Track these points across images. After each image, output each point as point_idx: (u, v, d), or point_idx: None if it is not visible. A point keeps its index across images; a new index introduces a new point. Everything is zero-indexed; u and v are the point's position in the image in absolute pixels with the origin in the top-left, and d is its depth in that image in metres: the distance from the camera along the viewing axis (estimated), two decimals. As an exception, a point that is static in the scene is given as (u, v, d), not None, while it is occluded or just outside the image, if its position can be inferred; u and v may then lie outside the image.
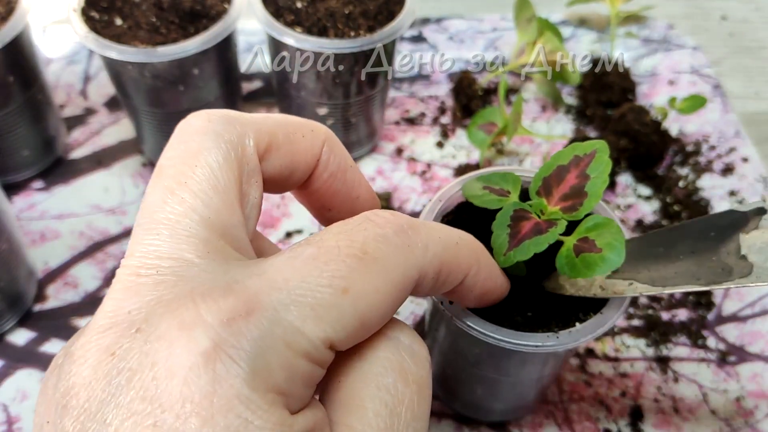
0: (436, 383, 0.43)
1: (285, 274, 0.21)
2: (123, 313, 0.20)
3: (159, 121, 0.51)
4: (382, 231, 0.23)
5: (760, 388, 0.45)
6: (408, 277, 0.23)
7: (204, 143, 0.23)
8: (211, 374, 0.19)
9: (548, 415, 0.44)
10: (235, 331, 0.19)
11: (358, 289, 0.21)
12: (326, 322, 0.20)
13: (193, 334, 0.19)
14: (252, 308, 0.20)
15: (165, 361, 0.19)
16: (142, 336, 0.20)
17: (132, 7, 0.49)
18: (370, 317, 0.22)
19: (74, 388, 0.20)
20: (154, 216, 0.22)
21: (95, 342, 0.20)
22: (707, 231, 0.30)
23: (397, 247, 0.23)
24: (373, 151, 0.58)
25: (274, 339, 0.20)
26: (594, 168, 0.30)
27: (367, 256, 0.22)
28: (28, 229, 0.52)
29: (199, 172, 0.23)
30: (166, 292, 0.21)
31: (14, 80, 0.49)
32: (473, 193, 0.34)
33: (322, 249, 0.22)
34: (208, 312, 0.20)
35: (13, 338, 0.46)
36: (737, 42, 0.70)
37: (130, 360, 0.19)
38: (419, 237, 0.23)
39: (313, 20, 0.49)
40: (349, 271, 0.21)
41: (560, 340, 0.31)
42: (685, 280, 0.29)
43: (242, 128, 0.24)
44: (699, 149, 0.59)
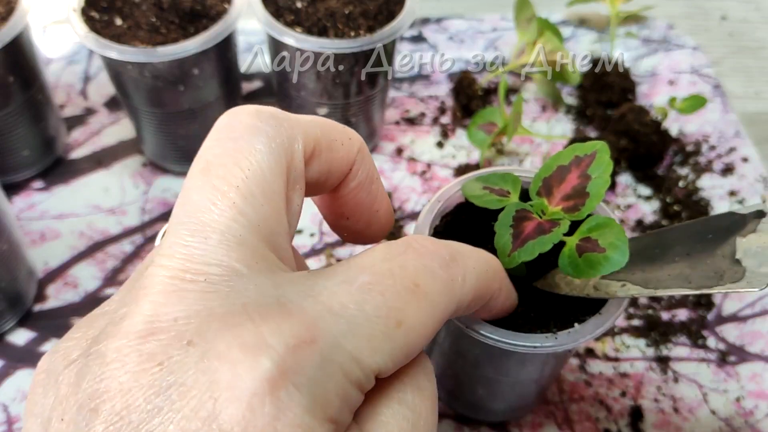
0: (437, 383, 0.43)
1: (341, 299, 0.21)
2: (167, 320, 0.20)
3: (159, 121, 0.51)
4: (429, 263, 0.23)
5: (760, 388, 0.45)
6: (449, 309, 0.23)
7: (254, 143, 0.23)
8: (275, 402, 0.18)
9: (548, 415, 0.44)
10: (299, 359, 0.19)
11: (411, 323, 0.22)
12: (379, 354, 0.21)
13: (258, 358, 0.19)
14: (315, 335, 0.20)
15: (227, 383, 0.18)
16: (196, 351, 0.19)
17: (132, 7, 0.49)
18: (415, 349, 0.22)
19: (108, 393, 0.19)
20: (201, 217, 0.21)
21: (135, 347, 0.19)
22: (705, 233, 0.30)
23: (442, 282, 0.23)
24: (373, 151, 0.58)
25: (333, 367, 0.20)
26: (595, 168, 0.30)
27: (419, 289, 0.22)
28: (28, 229, 0.52)
29: (250, 175, 0.22)
30: (217, 304, 0.20)
31: (14, 80, 0.49)
32: (473, 193, 0.34)
33: (376, 277, 0.22)
34: (272, 335, 0.19)
35: (13, 338, 0.46)
36: (737, 42, 0.70)
37: (183, 375, 0.19)
38: (459, 269, 0.24)
39: (313, 20, 0.49)
40: (403, 304, 0.22)
41: (559, 341, 0.31)
42: (676, 282, 0.29)
43: (292, 131, 0.24)
44: (699, 149, 0.59)
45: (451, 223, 0.36)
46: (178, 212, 0.22)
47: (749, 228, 0.28)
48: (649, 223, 0.53)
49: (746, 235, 0.28)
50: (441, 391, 0.43)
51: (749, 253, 0.28)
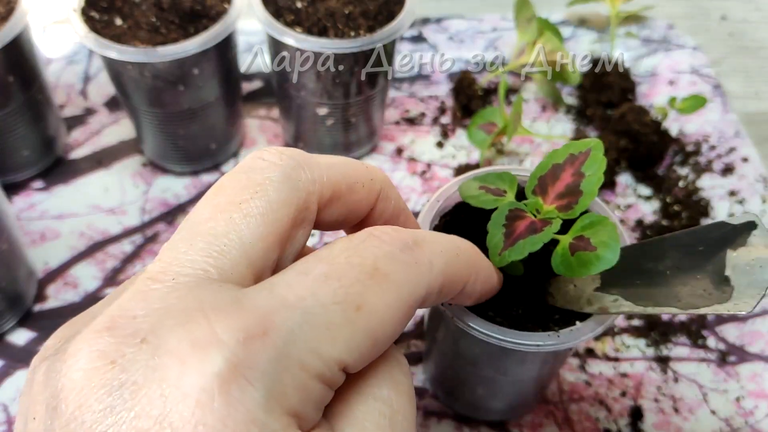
0: (436, 383, 0.43)
1: (297, 291, 0.20)
2: (127, 317, 0.20)
3: (159, 121, 0.51)
4: (389, 248, 0.23)
5: (760, 388, 0.45)
6: (416, 293, 0.23)
7: (270, 177, 0.23)
8: (225, 397, 0.18)
9: (548, 415, 0.44)
10: (251, 352, 0.19)
11: (371, 306, 0.21)
12: (340, 342, 0.20)
13: (207, 354, 0.18)
14: (267, 328, 0.19)
15: (176, 380, 0.18)
16: (149, 348, 0.19)
17: (132, 7, 0.49)
18: (382, 335, 0.21)
19: (63, 392, 0.19)
20: (197, 227, 0.22)
21: (91, 344, 0.19)
22: (696, 244, 0.29)
23: (405, 264, 0.23)
24: (373, 151, 0.58)
25: (289, 360, 0.19)
26: (589, 166, 0.30)
27: (378, 272, 0.22)
28: (28, 229, 0.52)
29: (256, 198, 0.22)
30: (176, 302, 0.20)
31: (14, 80, 0.49)
32: (470, 193, 0.34)
33: (334, 266, 0.21)
34: (223, 330, 0.19)
35: (13, 338, 0.46)
36: (737, 42, 0.70)
37: (134, 372, 0.18)
38: (424, 253, 0.23)
39: (313, 20, 0.49)
40: (362, 288, 0.21)
41: (560, 339, 0.31)
42: (666, 301, 0.28)
43: (311, 174, 0.24)
44: (699, 149, 0.59)
45: (451, 223, 0.36)
46: (182, 224, 0.23)
47: (740, 241, 0.27)
48: (649, 223, 0.53)
49: (737, 249, 0.27)
50: (440, 391, 0.43)
51: (738, 270, 0.27)
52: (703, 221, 0.54)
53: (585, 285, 0.31)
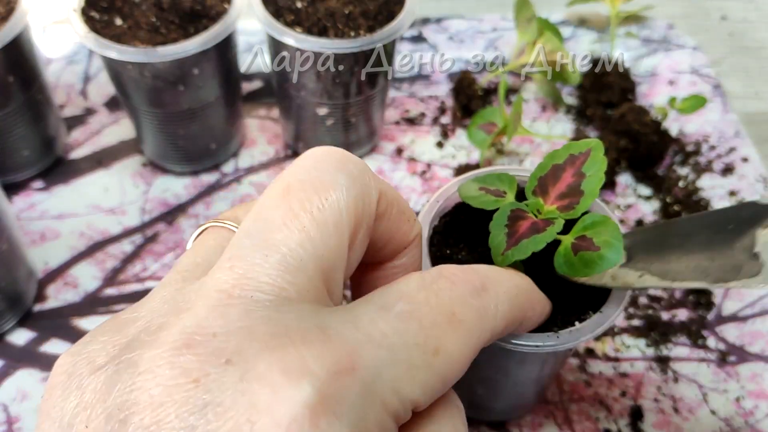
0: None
1: (381, 327, 0.20)
2: (206, 335, 0.19)
3: (159, 121, 0.51)
4: (460, 291, 0.23)
5: (760, 388, 0.45)
6: (483, 339, 0.23)
7: (338, 179, 0.23)
8: (314, 429, 0.18)
9: (548, 415, 0.44)
10: (341, 387, 0.19)
11: (448, 351, 0.21)
12: (417, 384, 0.20)
13: (299, 383, 0.18)
14: (355, 363, 0.19)
15: (267, 407, 0.18)
16: (236, 370, 0.18)
17: (132, 7, 0.49)
18: (450, 379, 0.22)
19: (138, 405, 0.18)
20: (270, 234, 0.21)
21: (170, 360, 0.19)
22: (726, 223, 0.29)
23: (476, 311, 0.23)
24: (373, 151, 0.58)
25: (373, 397, 0.19)
26: (590, 166, 0.30)
27: (454, 317, 0.22)
28: (28, 229, 0.52)
29: (327, 205, 0.22)
30: (259, 324, 0.19)
31: (14, 80, 0.49)
32: (469, 194, 0.34)
33: (414, 305, 0.22)
34: (314, 361, 0.19)
35: (13, 338, 0.46)
36: (737, 42, 0.70)
37: (221, 394, 0.18)
38: (491, 299, 0.24)
39: (313, 20, 0.49)
40: (441, 332, 0.21)
41: (560, 340, 0.31)
42: (694, 275, 0.29)
43: (373, 181, 0.24)
44: (699, 149, 0.59)
45: (450, 223, 0.36)
46: (248, 227, 0.22)
47: None
48: (649, 223, 0.53)
49: (767, 227, 0.28)
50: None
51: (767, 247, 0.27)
52: (703, 221, 0.54)
53: None
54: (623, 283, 0.31)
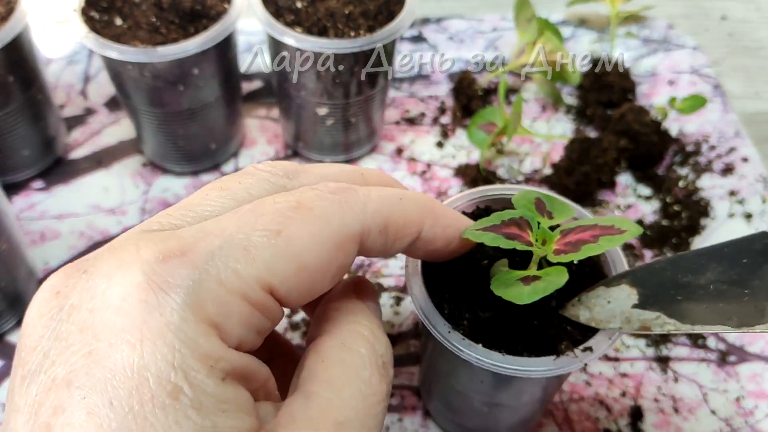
0: (435, 410, 0.43)
1: (222, 224, 0.23)
2: (80, 261, 0.23)
3: (159, 121, 0.51)
4: (319, 191, 0.24)
5: (760, 388, 0.45)
6: (348, 228, 0.24)
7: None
8: (143, 305, 0.20)
9: (548, 415, 0.44)
10: (169, 268, 0.21)
11: (292, 232, 0.22)
12: (260, 262, 0.22)
13: (129, 269, 0.21)
14: (187, 250, 0.21)
15: (102, 295, 0.21)
16: (86, 276, 0.21)
17: (132, 7, 0.49)
18: (308, 260, 0.23)
19: (23, 329, 0.22)
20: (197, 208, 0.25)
21: (45, 283, 0.22)
22: (739, 256, 0.28)
23: (333, 202, 0.24)
24: (373, 151, 0.58)
25: (207, 276, 0.21)
26: (610, 241, 0.29)
27: (302, 206, 0.23)
28: (28, 229, 0.52)
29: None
30: (117, 242, 0.23)
31: (14, 80, 0.49)
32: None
33: (260, 204, 0.23)
34: (146, 252, 0.21)
35: (13, 338, 0.46)
36: (737, 42, 0.70)
37: (73, 297, 0.21)
38: (356, 195, 0.25)
39: (313, 20, 0.49)
40: (283, 218, 0.23)
41: (557, 363, 0.30)
42: (715, 318, 0.27)
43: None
44: (699, 149, 0.59)
45: None
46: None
47: None
48: (649, 223, 0.53)
49: None
50: (441, 419, 0.42)
51: None
52: (702, 221, 0.54)
53: (621, 302, 0.30)
54: (641, 327, 0.29)
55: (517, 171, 0.57)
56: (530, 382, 0.34)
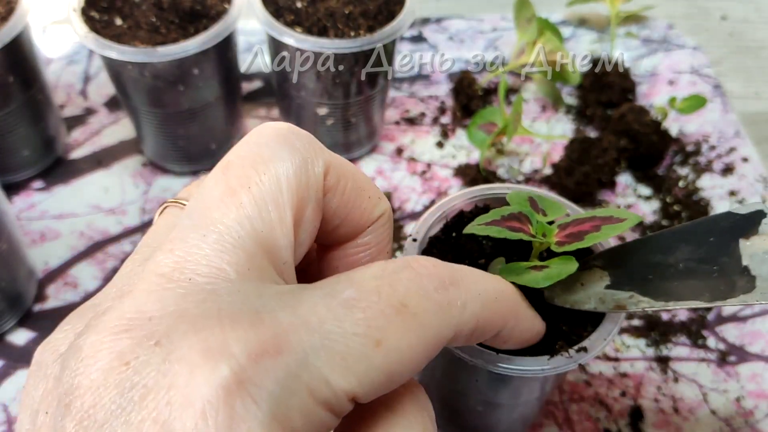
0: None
1: (319, 314, 0.20)
2: (143, 319, 0.19)
3: (159, 121, 0.51)
4: (423, 284, 0.22)
5: (760, 388, 0.45)
6: (443, 335, 0.22)
7: (278, 152, 0.22)
8: (229, 412, 0.18)
9: (548, 415, 0.44)
10: (260, 370, 0.18)
11: (392, 343, 0.20)
12: (353, 374, 0.20)
13: (216, 365, 0.18)
14: (281, 347, 0.19)
15: (183, 387, 0.18)
16: (162, 352, 0.18)
17: (132, 7, 0.49)
18: (399, 373, 0.21)
19: (79, 389, 0.19)
20: (207, 213, 0.21)
21: (108, 344, 0.19)
22: (706, 235, 0.29)
23: (436, 305, 0.22)
24: (373, 151, 0.58)
25: (298, 384, 0.19)
26: (611, 229, 0.30)
27: (406, 309, 0.21)
28: (28, 229, 0.52)
29: (265, 180, 0.22)
30: (193, 306, 0.19)
31: (14, 80, 0.49)
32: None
33: (362, 293, 0.21)
34: (236, 342, 0.18)
35: (13, 338, 0.46)
36: (737, 42, 0.70)
37: (146, 376, 0.18)
38: (459, 295, 0.23)
39: (313, 20, 0.49)
40: (386, 323, 0.20)
41: (552, 363, 0.30)
42: (688, 294, 0.28)
43: (318, 152, 0.23)
44: (699, 149, 0.59)
45: (451, 228, 0.36)
46: (190, 206, 0.22)
47: (751, 230, 0.27)
48: (649, 223, 0.53)
49: (749, 238, 0.27)
50: (440, 419, 0.42)
51: (756, 260, 0.27)
52: (703, 221, 0.54)
53: (593, 283, 0.31)
54: (615, 306, 0.30)
55: (517, 171, 0.57)
56: (526, 381, 0.34)
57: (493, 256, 0.33)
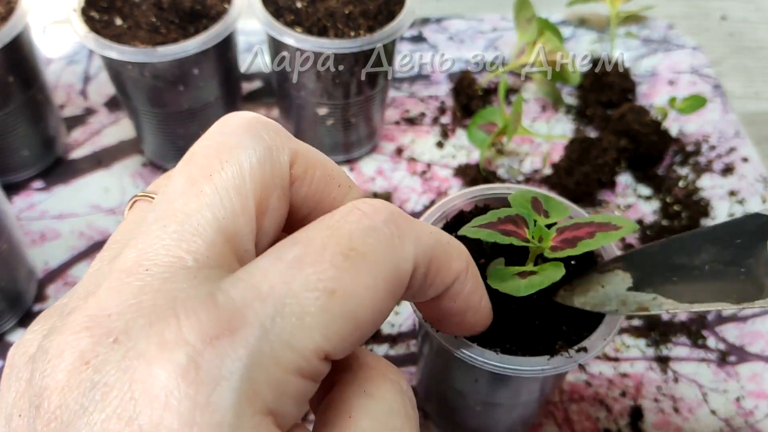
0: (430, 407, 0.43)
1: (270, 279, 0.19)
2: (103, 316, 0.19)
3: (159, 121, 0.51)
4: (371, 221, 0.21)
5: (760, 388, 0.45)
6: (400, 269, 0.21)
7: (242, 141, 0.22)
8: (192, 398, 0.17)
9: (548, 415, 0.44)
10: (218, 352, 0.18)
11: (347, 289, 0.20)
12: (316, 331, 0.19)
13: (173, 355, 0.18)
14: (236, 324, 0.18)
15: (144, 382, 0.18)
16: (120, 349, 0.18)
17: (132, 7, 0.49)
18: (363, 317, 0.20)
19: (47, 391, 0.19)
20: (170, 204, 0.21)
21: (71, 344, 0.19)
22: (733, 237, 0.28)
23: (387, 239, 0.21)
24: (373, 151, 0.58)
25: (261, 357, 0.18)
26: (606, 237, 0.29)
27: (354, 252, 0.20)
28: (28, 229, 0.52)
29: (228, 168, 0.21)
30: (149, 297, 0.19)
31: (14, 80, 0.49)
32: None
33: (309, 247, 0.20)
34: (190, 330, 0.18)
35: (13, 338, 0.46)
36: (737, 42, 0.70)
37: (106, 374, 0.18)
38: (411, 227, 0.22)
39: (313, 20, 0.49)
40: (337, 272, 0.20)
41: (552, 363, 0.30)
42: (714, 296, 0.27)
43: (284, 141, 0.23)
44: (699, 149, 0.59)
45: (451, 230, 0.36)
46: (156, 200, 0.22)
47: None
48: (649, 223, 0.53)
49: None
50: (440, 419, 0.42)
51: None
52: (703, 221, 0.54)
53: (615, 285, 0.30)
54: (638, 308, 0.29)
55: (517, 171, 0.57)
56: (526, 381, 0.34)
57: (494, 256, 0.33)
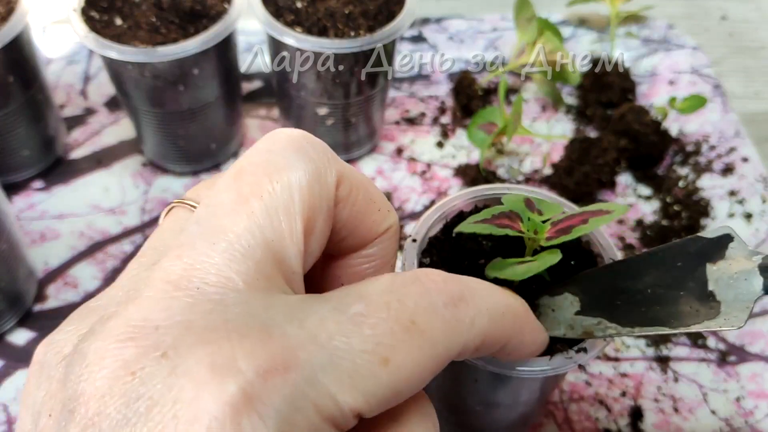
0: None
1: (328, 329, 0.20)
2: (149, 327, 0.19)
3: (159, 121, 0.51)
4: (433, 299, 0.22)
5: (760, 388, 0.45)
6: (450, 352, 0.22)
7: (292, 160, 0.22)
8: (236, 428, 0.18)
9: (548, 415, 0.44)
10: (268, 387, 0.18)
11: (400, 361, 0.20)
12: (360, 392, 0.19)
13: (224, 381, 0.18)
14: (289, 363, 0.19)
15: (190, 402, 0.18)
16: (168, 364, 0.18)
17: (132, 7, 0.49)
18: (405, 389, 0.21)
19: (83, 396, 0.19)
20: (217, 220, 0.21)
21: (114, 352, 0.19)
22: (674, 261, 0.28)
23: (445, 322, 0.21)
24: (373, 151, 0.58)
25: (305, 401, 0.19)
26: (599, 221, 0.30)
27: (415, 326, 0.21)
28: (28, 229, 0.52)
29: (278, 188, 0.21)
30: (200, 317, 0.19)
31: (14, 80, 0.49)
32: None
33: (371, 308, 0.20)
34: (244, 358, 0.18)
35: (13, 338, 0.46)
36: (737, 42, 0.70)
37: (152, 388, 0.18)
38: (468, 311, 0.22)
39: (313, 20, 0.49)
40: (394, 341, 0.20)
41: (553, 363, 0.30)
42: (654, 320, 0.28)
43: (331, 161, 0.23)
44: (699, 149, 0.59)
45: (449, 227, 0.36)
46: (199, 212, 0.22)
47: (717, 254, 0.27)
48: (649, 223, 0.53)
49: (716, 262, 0.27)
50: (440, 420, 0.42)
51: (722, 285, 0.26)
52: (703, 221, 0.54)
53: (564, 310, 0.31)
54: (584, 333, 0.30)
55: (517, 171, 0.57)
56: (526, 381, 0.34)
57: (493, 255, 0.33)
